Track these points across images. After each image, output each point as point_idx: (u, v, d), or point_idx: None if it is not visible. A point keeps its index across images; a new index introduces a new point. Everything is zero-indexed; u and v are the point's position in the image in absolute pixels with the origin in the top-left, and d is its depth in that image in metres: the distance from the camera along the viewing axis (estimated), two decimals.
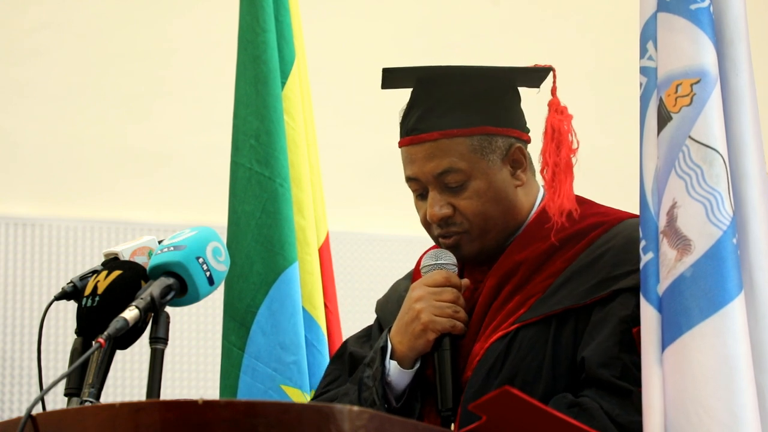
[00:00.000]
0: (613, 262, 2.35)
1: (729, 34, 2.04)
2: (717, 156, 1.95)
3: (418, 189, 2.48)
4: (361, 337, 2.66)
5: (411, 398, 2.42)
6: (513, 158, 2.46)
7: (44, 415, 1.85)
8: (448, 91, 2.45)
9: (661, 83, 2.01)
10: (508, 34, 5.52)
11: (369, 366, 2.41)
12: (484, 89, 2.45)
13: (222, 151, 3.52)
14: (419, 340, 2.39)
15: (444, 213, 2.44)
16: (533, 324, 2.36)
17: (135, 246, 2.33)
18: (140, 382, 4.83)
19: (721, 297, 1.90)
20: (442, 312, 2.39)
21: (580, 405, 2.23)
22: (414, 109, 2.47)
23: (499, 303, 2.42)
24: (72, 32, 5.05)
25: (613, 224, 2.43)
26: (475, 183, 2.43)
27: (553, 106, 2.43)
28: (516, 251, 2.44)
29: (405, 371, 2.41)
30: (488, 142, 2.44)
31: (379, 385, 2.37)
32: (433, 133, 2.43)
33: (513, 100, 2.51)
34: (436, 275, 2.44)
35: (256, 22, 3.32)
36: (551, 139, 2.39)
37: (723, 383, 1.88)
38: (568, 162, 2.37)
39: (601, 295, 2.32)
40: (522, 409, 1.77)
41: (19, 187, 4.97)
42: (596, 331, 2.30)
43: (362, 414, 1.68)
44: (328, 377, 2.60)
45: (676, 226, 1.95)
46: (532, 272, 2.41)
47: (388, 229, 5.32)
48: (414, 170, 2.45)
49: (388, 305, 2.64)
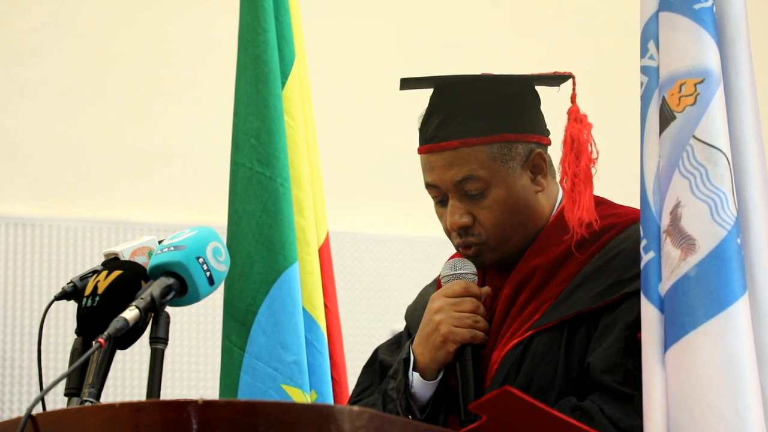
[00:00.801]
0: (624, 264, 2.33)
1: (730, 34, 2.03)
2: (721, 156, 1.95)
3: (438, 196, 2.46)
4: (392, 344, 2.64)
5: (435, 409, 2.41)
6: (533, 164, 2.44)
7: (44, 415, 1.84)
8: (467, 99, 2.43)
9: (664, 83, 2.01)
10: (508, 34, 5.52)
11: (393, 378, 2.41)
12: (502, 96, 2.43)
13: (222, 151, 3.52)
14: (440, 352, 2.38)
15: (463, 222, 2.42)
16: (547, 330, 2.34)
17: (135, 246, 2.32)
18: (140, 382, 4.83)
19: (726, 297, 1.90)
20: (461, 323, 2.38)
21: (582, 408, 2.23)
22: (433, 117, 2.45)
23: (516, 310, 2.40)
24: (72, 32, 5.05)
25: (627, 225, 2.41)
26: (495, 191, 2.41)
27: (572, 114, 2.40)
28: (532, 257, 2.43)
29: (428, 382, 2.40)
30: (508, 150, 2.42)
31: (402, 398, 2.36)
32: (453, 142, 2.41)
33: (532, 104, 2.48)
34: (455, 285, 2.42)
35: (256, 22, 3.32)
36: (570, 149, 2.36)
37: (728, 383, 1.87)
38: (587, 172, 2.34)
39: (612, 298, 2.31)
40: (522, 409, 1.77)
41: (19, 187, 4.97)
42: (603, 337, 2.29)
43: (362, 414, 1.68)
44: (361, 386, 2.59)
45: (680, 226, 1.95)
46: (547, 277, 2.39)
47: (388, 229, 5.32)
48: (434, 178, 2.44)
49: (416, 312, 2.61)
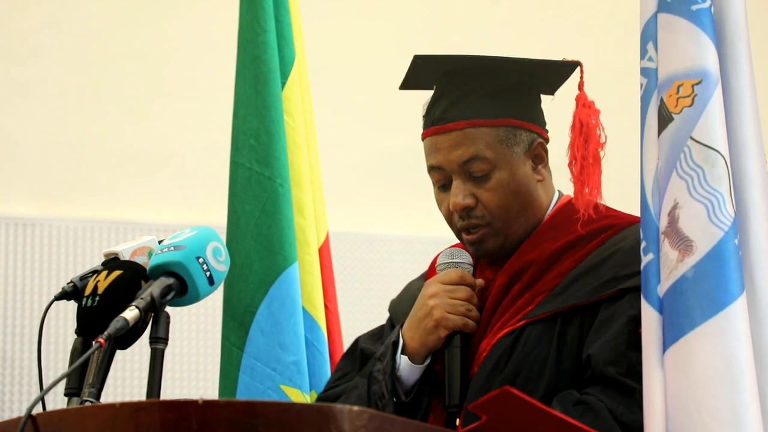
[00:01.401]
0: (621, 262, 2.37)
1: (729, 35, 2.04)
2: (718, 157, 1.95)
3: (440, 179, 2.48)
4: (373, 335, 2.67)
5: (419, 393, 2.44)
6: (535, 153, 2.48)
7: (44, 415, 1.85)
8: (474, 83, 2.46)
9: (662, 84, 2.01)
10: (508, 34, 5.52)
11: (380, 360, 2.43)
12: (509, 83, 2.47)
13: (222, 151, 3.52)
14: (431, 336, 2.41)
15: (467, 203, 2.45)
16: (540, 321, 2.37)
17: (135, 246, 2.33)
18: (140, 382, 4.83)
19: (723, 298, 1.90)
20: (455, 309, 2.41)
21: (586, 403, 2.24)
22: (440, 101, 2.48)
23: (509, 301, 2.43)
24: (72, 32, 5.05)
25: (624, 227, 2.45)
26: (499, 174, 2.44)
27: (580, 100, 2.45)
28: (527, 251, 2.46)
29: (415, 366, 2.42)
30: (513, 134, 2.46)
31: (389, 379, 2.38)
32: (460, 122, 2.45)
33: (536, 97, 2.53)
34: (452, 273, 2.46)
35: (256, 22, 3.32)
36: (579, 133, 2.40)
37: (725, 384, 1.88)
38: (596, 155, 2.39)
39: (608, 293, 2.34)
40: (522, 409, 1.77)
41: (19, 187, 4.97)
42: (603, 330, 2.31)
43: (362, 414, 1.68)
44: (339, 372, 2.62)
45: (678, 227, 1.95)
46: (542, 271, 2.42)
47: (388, 229, 5.32)
48: (439, 159, 2.46)
49: (401, 305, 2.65)
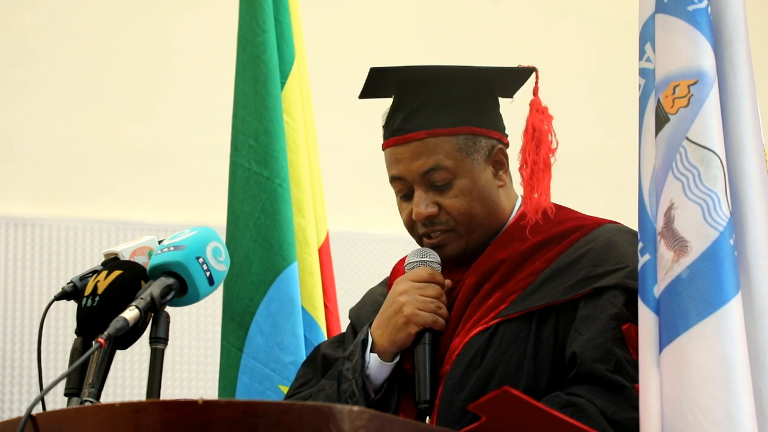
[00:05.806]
0: (593, 262, 2.38)
1: (728, 35, 2.04)
2: (714, 157, 1.96)
3: (402, 189, 2.51)
4: (334, 341, 2.69)
5: (389, 391, 2.45)
6: (495, 159, 2.51)
7: (44, 415, 1.85)
8: (432, 93, 2.48)
9: (659, 84, 2.02)
10: (508, 34, 5.53)
11: (348, 359, 2.44)
12: (467, 91, 2.49)
13: (221, 151, 3.53)
14: (401, 333, 2.42)
15: (430, 212, 2.47)
16: (514, 319, 2.39)
17: (135, 246, 2.33)
18: (140, 382, 4.83)
19: (718, 298, 1.91)
20: (425, 306, 2.43)
21: (575, 405, 2.25)
22: (399, 111, 2.50)
23: (479, 299, 2.45)
24: (72, 32, 5.05)
25: (593, 228, 2.47)
26: (461, 181, 2.46)
27: (534, 105, 2.47)
28: (497, 251, 2.48)
29: (384, 364, 2.43)
30: (473, 142, 2.48)
31: (359, 377, 2.40)
32: (420, 133, 2.47)
33: (494, 103, 2.55)
34: (421, 271, 2.47)
35: (256, 23, 3.33)
36: (531, 138, 2.44)
37: (720, 384, 1.88)
38: (546, 161, 2.42)
39: (582, 292, 2.36)
40: (521, 410, 1.77)
41: (19, 187, 4.97)
42: (584, 327, 2.32)
43: (362, 414, 1.69)
44: (300, 380, 2.62)
45: (674, 228, 1.96)
46: (512, 270, 2.44)
47: (388, 229, 5.31)
48: (400, 169, 2.49)
49: (363, 310, 2.67)
